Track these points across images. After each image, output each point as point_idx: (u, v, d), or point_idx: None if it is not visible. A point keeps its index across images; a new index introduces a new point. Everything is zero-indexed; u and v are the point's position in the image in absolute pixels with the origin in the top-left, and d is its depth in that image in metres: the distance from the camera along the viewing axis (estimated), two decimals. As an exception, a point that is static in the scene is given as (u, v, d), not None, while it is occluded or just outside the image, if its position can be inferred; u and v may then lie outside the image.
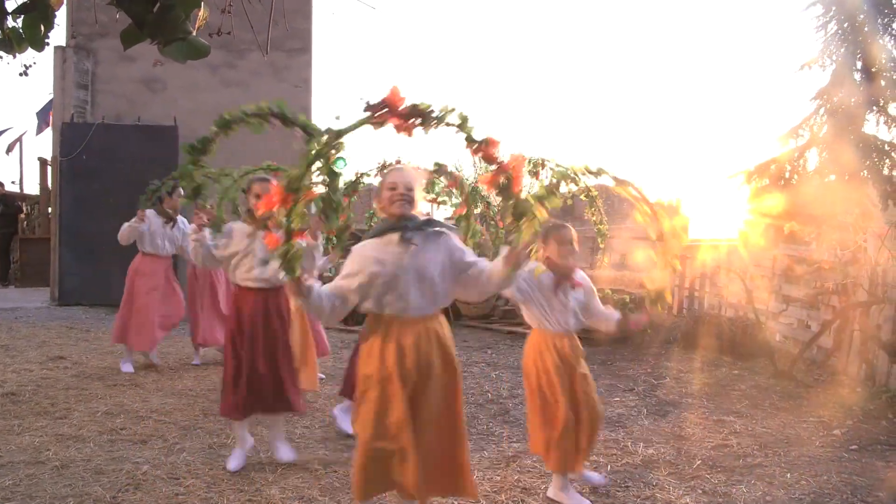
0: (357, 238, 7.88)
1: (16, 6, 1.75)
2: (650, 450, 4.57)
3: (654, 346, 8.10)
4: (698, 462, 4.34)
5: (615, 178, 3.42)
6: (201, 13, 1.93)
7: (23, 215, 14.10)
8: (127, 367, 6.46)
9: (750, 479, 4.07)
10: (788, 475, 4.14)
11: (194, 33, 1.74)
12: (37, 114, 15.70)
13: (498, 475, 4.09)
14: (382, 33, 70.91)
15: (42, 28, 1.75)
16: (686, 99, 59.94)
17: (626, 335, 4.89)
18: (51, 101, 12.37)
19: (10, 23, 1.76)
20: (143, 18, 1.57)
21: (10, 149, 16.89)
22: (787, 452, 4.55)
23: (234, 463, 4.11)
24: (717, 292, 9.21)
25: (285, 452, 4.22)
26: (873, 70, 6.95)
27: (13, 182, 17.10)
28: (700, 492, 3.88)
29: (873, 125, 7.03)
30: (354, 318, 7.88)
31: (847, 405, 5.63)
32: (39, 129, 15.49)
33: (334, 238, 6.33)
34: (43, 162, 13.61)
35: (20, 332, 8.39)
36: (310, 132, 3.25)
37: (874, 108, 6.95)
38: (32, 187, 16.69)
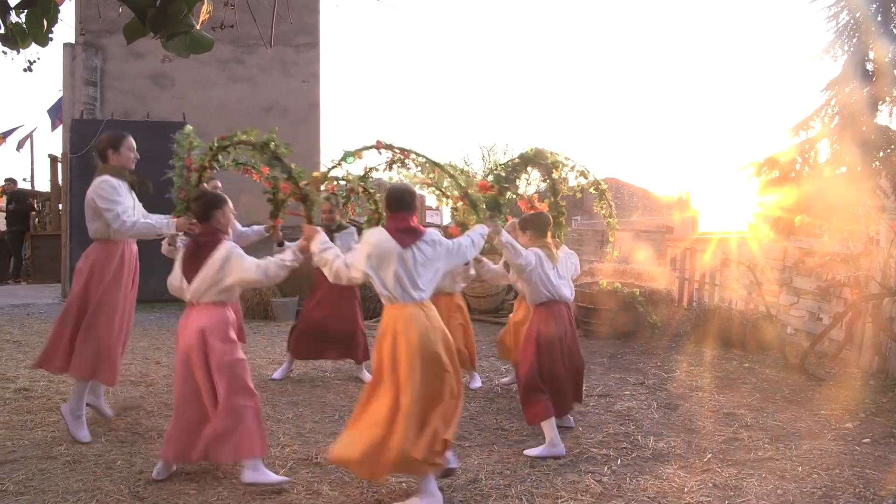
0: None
1: (18, 1, 1.75)
2: (660, 443, 4.56)
3: (664, 339, 8.08)
4: (709, 455, 4.32)
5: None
6: (205, 7, 1.92)
7: (34, 212, 14.18)
8: None
9: (761, 472, 4.05)
10: (800, 469, 4.11)
11: (198, 27, 1.74)
12: (48, 111, 15.82)
13: (508, 469, 4.09)
14: (390, 26, 70.86)
15: (45, 23, 1.75)
16: (695, 92, 59.65)
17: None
18: (61, 98, 12.45)
19: (13, 18, 1.76)
20: (145, 13, 1.57)
21: (20, 145, 17.05)
22: (798, 446, 4.52)
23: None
24: (727, 285, 9.16)
25: None
26: (885, 61, 6.87)
27: (24, 179, 17.26)
28: (711, 485, 3.86)
29: (885, 116, 6.96)
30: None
31: (859, 398, 5.59)
32: (54, 126, 15.63)
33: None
34: (53, 159, 13.69)
35: (32, 327, 8.45)
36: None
37: (886, 98, 6.87)
38: (43, 184, 16.83)
